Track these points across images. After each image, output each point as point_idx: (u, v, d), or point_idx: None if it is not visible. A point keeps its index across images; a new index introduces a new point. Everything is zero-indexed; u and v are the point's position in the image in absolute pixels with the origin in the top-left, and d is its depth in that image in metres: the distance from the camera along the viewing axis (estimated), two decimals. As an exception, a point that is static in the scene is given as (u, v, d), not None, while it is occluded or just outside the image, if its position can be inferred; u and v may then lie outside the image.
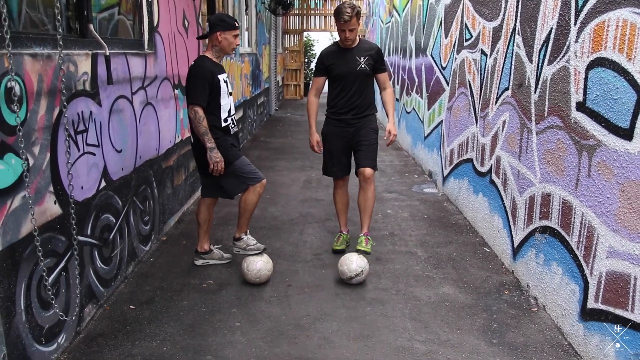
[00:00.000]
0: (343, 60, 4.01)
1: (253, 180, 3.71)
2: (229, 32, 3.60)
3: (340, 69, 4.02)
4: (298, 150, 8.64)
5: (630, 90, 2.43)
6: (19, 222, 2.36)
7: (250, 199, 3.74)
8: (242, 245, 3.83)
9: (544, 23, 3.37)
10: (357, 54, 4.01)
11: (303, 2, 16.85)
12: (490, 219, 4.38)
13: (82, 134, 2.97)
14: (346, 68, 4.01)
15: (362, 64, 4.00)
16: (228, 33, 3.60)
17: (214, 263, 3.96)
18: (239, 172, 3.70)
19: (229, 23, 3.60)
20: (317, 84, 4.19)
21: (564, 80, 3.07)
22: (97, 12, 3.46)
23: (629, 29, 2.43)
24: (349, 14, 3.81)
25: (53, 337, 2.69)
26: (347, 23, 3.84)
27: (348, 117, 4.09)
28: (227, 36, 3.61)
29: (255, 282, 3.60)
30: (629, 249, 2.43)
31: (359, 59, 4.00)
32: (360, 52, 4.02)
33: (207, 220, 3.95)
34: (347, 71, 4.01)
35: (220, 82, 3.62)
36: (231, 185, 3.78)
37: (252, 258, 3.64)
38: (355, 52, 4.01)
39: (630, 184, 2.43)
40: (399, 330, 3.10)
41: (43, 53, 2.54)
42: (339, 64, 4.02)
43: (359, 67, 4.00)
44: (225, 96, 3.66)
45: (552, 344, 2.97)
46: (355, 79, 4.02)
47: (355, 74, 4.01)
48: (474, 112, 4.90)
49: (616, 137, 2.54)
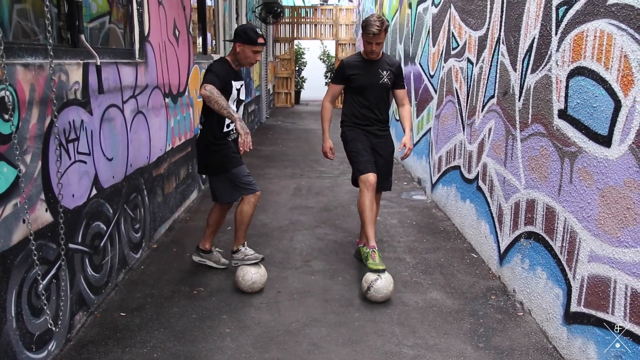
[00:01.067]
0: (366, 71, 3.96)
1: (247, 190, 3.74)
2: (248, 46, 3.58)
3: (362, 81, 3.96)
4: (288, 157, 8.69)
5: (608, 98, 2.50)
6: (11, 229, 2.39)
7: (245, 210, 3.75)
8: (240, 257, 3.79)
9: (527, 33, 3.45)
10: (381, 67, 3.97)
11: (294, 11, 16.97)
12: (477, 225, 4.44)
13: (74, 143, 3.00)
14: (368, 80, 3.96)
15: (385, 78, 3.97)
16: (247, 47, 3.58)
17: (210, 264, 4.01)
18: (236, 180, 3.73)
19: (250, 38, 3.57)
20: (334, 90, 4.12)
21: (547, 89, 3.15)
22: (88, 22, 3.51)
23: (606, 39, 2.52)
24: (378, 27, 3.75)
25: (43, 345, 2.71)
26: (376, 37, 3.78)
27: (374, 129, 4.04)
28: (246, 50, 3.59)
29: (248, 292, 3.63)
30: (608, 253, 2.50)
31: (382, 73, 3.96)
32: (383, 65, 3.97)
33: (217, 222, 4.02)
34: (369, 83, 3.97)
35: (233, 88, 3.64)
36: (224, 192, 3.83)
37: (248, 268, 3.65)
38: (379, 65, 3.97)
39: (609, 190, 2.51)
40: (387, 335, 3.14)
41: (35, 63, 2.58)
42: (362, 75, 3.96)
43: (381, 81, 3.96)
44: (232, 103, 3.68)
45: (537, 348, 3.02)
46: (376, 91, 4.00)
47: (378, 87, 3.98)
48: (461, 119, 4.98)
49: (596, 144, 2.61)
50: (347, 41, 16.89)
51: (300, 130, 11.84)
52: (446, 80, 5.54)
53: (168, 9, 4.88)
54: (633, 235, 2.33)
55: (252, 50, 3.60)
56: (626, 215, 2.37)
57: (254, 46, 3.59)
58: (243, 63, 3.68)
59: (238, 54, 3.64)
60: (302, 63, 19.31)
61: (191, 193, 5.88)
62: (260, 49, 3.65)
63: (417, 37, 7.18)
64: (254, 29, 3.63)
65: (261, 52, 3.71)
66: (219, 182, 3.81)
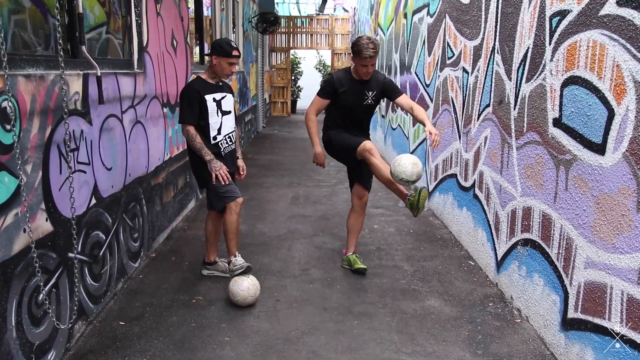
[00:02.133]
0: (354, 91, 3.99)
1: (228, 199, 3.82)
2: (223, 58, 3.71)
3: (348, 100, 4.01)
4: (285, 167, 8.72)
5: (601, 107, 2.55)
6: (12, 239, 2.40)
7: (229, 219, 3.86)
8: (232, 267, 3.98)
9: (521, 42, 3.50)
10: (368, 88, 4.00)
11: (289, 21, 17.08)
12: (474, 233, 4.47)
13: (73, 152, 3.02)
14: (354, 101, 4.01)
15: (370, 99, 4.02)
16: (223, 59, 3.71)
17: (219, 275, 4.05)
18: (216, 191, 3.83)
19: (225, 50, 3.69)
20: (320, 104, 4.11)
21: (541, 98, 3.20)
22: (87, 32, 3.54)
23: (599, 49, 2.56)
24: (373, 50, 3.79)
25: (43, 354, 2.71)
26: (371, 59, 3.83)
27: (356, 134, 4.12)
28: (222, 62, 3.72)
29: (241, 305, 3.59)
30: (604, 260, 2.53)
31: (367, 94, 4.00)
32: (371, 86, 4.00)
33: (213, 232, 4.07)
34: (354, 104, 4.02)
35: (208, 102, 3.73)
36: (215, 200, 3.89)
37: (238, 285, 3.55)
38: (367, 85, 4.00)
39: (604, 197, 2.54)
40: (386, 343, 3.16)
41: (36, 74, 2.61)
42: (349, 94, 3.99)
43: (365, 102, 4.02)
44: (214, 115, 3.77)
45: (535, 354, 3.04)
46: (360, 111, 4.08)
47: (361, 107, 4.05)
48: (457, 128, 5.03)
49: (590, 151, 2.65)
50: (343, 50, 16.98)
51: (297, 139, 11.88)
52: (442, 90, 5.60)
53: (166, 20, 4.93)
54: (628, 241, 2.36)
55: (227, 62, 3.73)
56: (621, 221, 2.41)
57: (229, 58, 3.72)
58: (220, 75, 3.81)
59: (215, 67, 3.77)
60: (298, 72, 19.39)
61: (189, 202, 5.89)
62: (235, 60, 3.77)
63: (412, 46, 7.24)
64: (229, 42, 3.78)
65: (236, 64, 3.82)
66: (210, 192, 3.91)
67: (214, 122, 3.77)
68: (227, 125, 3.89)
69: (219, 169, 3.73)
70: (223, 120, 3.85)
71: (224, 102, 3.85)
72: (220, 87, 3.87)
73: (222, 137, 3.85)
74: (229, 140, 3.93)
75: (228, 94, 3.92)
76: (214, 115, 3.77)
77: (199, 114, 3.73)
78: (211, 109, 3.76)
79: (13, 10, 2.70)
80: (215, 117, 3.78)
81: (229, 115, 3.89)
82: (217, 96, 3.80)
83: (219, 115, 3.81)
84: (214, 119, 3.78)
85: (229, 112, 3.89)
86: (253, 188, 7.11)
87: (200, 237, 5.02)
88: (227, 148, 3.91)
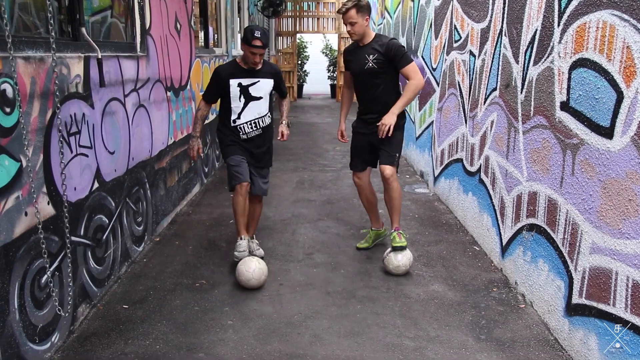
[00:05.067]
0: (356, 57, 4.00)
1: (233, 180, 3.83)
2: (245, 46, 3.71)
3: (352, 67, 4.06)
4: (291, 151, 8.68)
5: (610, 90, 2.49)
6: (13, 222, 2.40)
7: (233, 200, 3.89)
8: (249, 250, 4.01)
9: (529, 24, 3.44)
10: (366, 51, 3.94)
11: (296, 4, 16.90)
12: (479, 218, 4.44)
13: (75, 136, 3.01)
14: (356, 66, 4.00)
15: (370, 62, 3.92)
16: (245, 47, 3.72)
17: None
18: (228, 169, 3.91)
19: (247, 38, 3.69)
20: (345, 77, 4.26)
21: (549, 81, 3.14)
22: (90, 15, 3.50)
23: (609, 30, 2.50)
24: (347, 6, 3.79)
25: (47, 336, 2.72)
26: (345, 15, 3.81)
27: (367, 118, 4.09)
28: (245, 50, 3.73)
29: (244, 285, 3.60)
30: (610, 245, 2.50)
31: (367, 57, 3.93)
32: (369, 49, 3.93)
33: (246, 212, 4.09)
34: (358, 70, 4.00)
35: (231, 87, 3.78)
36: (228, 178, 3.96)
37: (245, 265, 3.58)
38: (365, 49, 3.94)
39: (611, 182, 2.50)
40: (389, 327, 3.15)
41: (36, 56, 2.58)
42: (352, 61, 4.05)
43: (366, 66, 3.94)
44: (235, 99, 3.81)
45: (539, 339, 3.03)
46: (364, 77, 4.00)
47: (364, 73, 3.97)
48: (463, 112, 4.97)
49: (598, 135, 2.60)
50: (350, 34, 16.81)
51: (303, 124, 11.82)
52: (448, 73, 5.52)
53: (169, 3, 4.87)
54: (634, 226, 2.32)
55: (249, 51, 3.71)
56: (628, 207, 2.37)
57: (250, 47, 3.69)
58: (248, 62, 3.81)
59: (244, 53, 3.78)
60: (305, 57, 19.23)
61: (194, 187, 5.89)
62: (256, 50, 3.70)
63: (419, 30, 7.15)
64: (252, 31, 3.69)
65: (259, 54, 3.74)
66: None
67: (235, 106, 3.82)
68: (254, 111, 3.86)
69: (191, 147, 3.88)
70: (249, 105, 3.84)
71: (253, 87, 3.84)
72: (254, 73, 3.84)
73: (242, 122, 3.85)
74: (254, 126, 3.89)
75: (263, 80, 3.86)
76: (235, 100, 3.81)
77: (222, 96, 3.85)
78: (233, 94, 3.80)
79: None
80: (237, 101, 3.81)
81: (258, 101, 3.86)
82: (245, 81, 3.81)
83: (241, 101, 3.82)
84: (236, 104, 3.82)
85: (259, 97, 3.86)
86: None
87: (204, 221, 5.02)
88: (252, 133, 3.90)
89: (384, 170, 3.99)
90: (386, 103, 3.95)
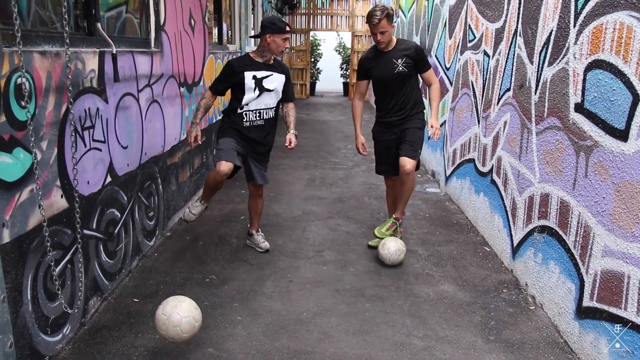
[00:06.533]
0: (381, 63, 4.01)
1: (216, 157, 3.92)
2: (278, 35, 3.76)
3: (378, 73, 4.05)
4: (302, 149, 8.69)
5: (626, 92, 2.46)
6: (27, 215, 2.43)
7: (209, 175, 3.95)
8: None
9: (545, 25, 3.41)
10: (394, 56, 3.98)
11: (310, 2, 16.89)
12: (490, 219, 4.41)
13: (89, 130, 3.04)
14: (384, 72, 4.01)
15: (400, 66, 3.98)
16: (277, 36, 3.76)
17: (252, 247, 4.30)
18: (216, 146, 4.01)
19: (279, 27, 3.75)
20: (360, 87, 4.24)
21: (563, 82, 3.11)
22: (105, 11, 3.53)
23: (626, 31, 2.47)
24: (378, 16, 3.81)
25: (58, 328, 2.76)
26: (377, 26, 3.83)
27: (392, 120, 4.13)
28: (276, 39, 3.77)
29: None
30: (623, 248, 2.47)
31: (396, 62, 3.97)
32: (397, 53, 3.98)
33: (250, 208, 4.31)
34: (385, 75, 4.02)
35: (246, 78, 3.83)
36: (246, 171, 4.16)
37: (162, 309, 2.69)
38: (392, 54, 3.99)
39: (625, 185, 2.47)
40: (398, 326, 3.15)
41: (52, 51, 2.61)
42: (377, 67, 4.03)
43: (396, 70, 3.98)
44: (250, 91, 3.86)
45: (548, 342, 3.01)
46: (394, 82, 4.03)
47: (393, 77, 4.01)
48: (476, 112, 4.94)
49: (612, 138, 2.58)
50: (364, 32, 16.78)
51: (315, 122, 11.82)
52: (462, 73, 5.49)
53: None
54: (648, 230, 2.30)
55: (282, 39, 3.79)
56: (641, 210, 2.34)
57: (284, 34, 3.78)
58: (275, 52, 3.87)
59: (269, 45, 3.82)
60: (318, 54, 19.23)
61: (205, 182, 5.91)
62: (289, 35, 3.84)
63: (433, 29, 7.11)
64: (281, 19, 3.87)
65: (289, 39, 3.88)
66: None
67: (248, 97, 3.86)
68: (263, 102, 3.93)
69: (189, 133, 3.86)
70: (261, 97, 3.90)
71: (266, 80, 3.90)
72: (268, 66, 3.91)
73: (249, 109, 3.91)
74: (258, 115, 3.94)
75: (276, 74, 3.95)
76: (250, 91, 3.85)
77: (234, 87, 3.88)
78: (248, 85, 3.84)
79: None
80: (251, 93, 3.86)
81: (270, 93, 3.93)
82: (260, 74, 3.86)
83: (255, 92, 3.86)
84: (250, 95, 3.86)
85: (271, 90, 3.92)
86: (269, 169, 7.07)
87: (215, 217, 5.05)
88: (255, 122, 3.95)
89: (405, 164, 3.99)
90: (415, 102, 4.14)
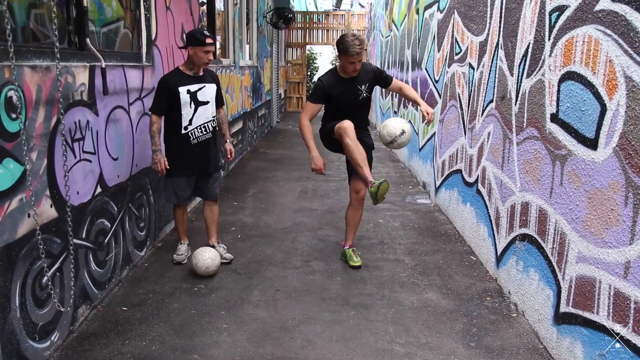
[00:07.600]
0: (346, 91, 4.06)
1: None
2: (199, 47, 3.81)
3: (344, 100, 4.07)
4: (296, 161, 8.78)
5: (595, 102, 2.56)
6: (16, 223, 2.50)
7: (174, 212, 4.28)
8: None
9: (523, 38, 3.51)
10: (358, 82, 4.07)
11: (305, 16, 17.12)
12: (477, 228, 4.49)
13: (79, 142, 3.12)
14: (349, 98, 4.08)
15: (364, 92, 4.10)
16: (199, 49, 3.81)
17: None
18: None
19: (198, 39, 3.79)
20: (313, 109, 4.13)
21: (540, 93, 3.21)
22: (101, 26, 3.64)
23: (593, 44, 2.57)
24: (359, 46, 3.85)
25: (47, 335, 2.81)
26: (358, 55, 3.88)
27: None
28: (198, 52, 3.82)
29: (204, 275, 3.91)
30: (594, 254, 2.55)
31: (360, 88, 4.07)
32: (361, 79, 4.07)
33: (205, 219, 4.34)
34: (351, 101, 4.09)
35: (181, 94, 3.84)
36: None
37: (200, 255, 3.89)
38: (357, 81, 4.06)
39: (595, 192, 2.55)
40: (380, 333, 3.20)
41: (42, 65, 2.70)
42: (342, 95, 4.05)
43: (361, 97, 4.10)
44: (186, 106, 3.88)
45: (528, 348, 3.07)
46: (356, 106, 4.14)
47: (357, 103, 4.12)
48: (463, 124, 5.04)
49: (584, 146, 2.66)
50: (359, 46, 16.94)
51: (310, 135, 11.91)
52: (449, 85, 5.60)
53: (176, 14, 5.01)
54: (616, 235, 2.37)
55: (202, 51, 3.83)
56: (610, 216, 2.42)
57: (204, 46, 3.81)
58: (199, 64, 3.90)
59: (192, 57, 3.86)
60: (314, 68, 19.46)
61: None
62: (210, 48, 3.86)
63: (423, 42, 7.24)
64: (202, 32, 3.88)
65: (212, 52, 3.91)
66: None
67: (186, 112, 3.89)
68: (202, 115, 3.97)
69: (157, 162, 3.87)
70: (198, 111, 3.94)
71: (200, 92, 3.94)
72: (198, 78, 3.95)
73: (193, 127, 3.95)
74: (204, 130, 4.00)
75: (208, 84, 4.00)
76: (186, 106, 3.88)
77: (171, 106, 3.86)
78: (184, 101, 3.87)
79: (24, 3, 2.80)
80: (187, 108, 3.89)
81: (205, 105, 3.98)
82: (193, 87, 3.90)
83: (191, 107, 3.91)
84: (186, 110, 3.89)
85: (206, 102, 3.98)
86: (262, 181, 7.20)
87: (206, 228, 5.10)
88: (202, 137, 4.00)
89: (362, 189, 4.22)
90: (365, 120, 4.34)
